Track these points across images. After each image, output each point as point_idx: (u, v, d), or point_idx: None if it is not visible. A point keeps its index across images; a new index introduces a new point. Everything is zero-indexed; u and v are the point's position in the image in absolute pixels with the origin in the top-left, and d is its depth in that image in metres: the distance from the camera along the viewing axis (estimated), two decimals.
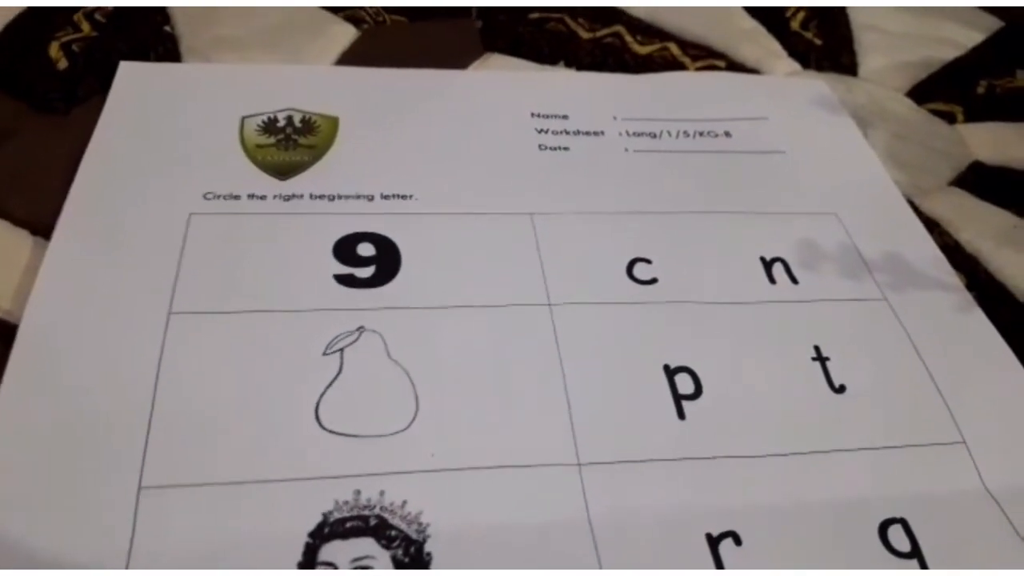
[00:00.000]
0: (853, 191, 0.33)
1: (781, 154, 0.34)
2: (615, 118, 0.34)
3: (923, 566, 0.22)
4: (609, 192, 0.31)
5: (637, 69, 0.37)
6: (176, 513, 0.20)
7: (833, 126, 0.36)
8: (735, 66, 0.39)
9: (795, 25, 0.41)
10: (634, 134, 0.34)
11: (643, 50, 0.38)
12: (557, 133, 0.33)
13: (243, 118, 0.31)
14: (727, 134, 0.34)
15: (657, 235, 0.29)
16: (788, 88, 0.38)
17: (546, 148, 0.32)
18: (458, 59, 0.36)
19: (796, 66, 0.39)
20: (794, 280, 0.29)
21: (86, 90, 0.31)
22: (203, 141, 0.30)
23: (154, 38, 0.34)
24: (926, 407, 0.26)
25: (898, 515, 0.23)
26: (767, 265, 0.29)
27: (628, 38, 0.39)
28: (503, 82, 0.35)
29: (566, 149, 0.32)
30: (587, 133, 0.33)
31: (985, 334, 0.28)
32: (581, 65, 0.37)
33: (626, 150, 0.33)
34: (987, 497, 0.24)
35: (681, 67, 0.38)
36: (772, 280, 0.29)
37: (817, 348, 0.27)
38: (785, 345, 0.27)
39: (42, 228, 0.26)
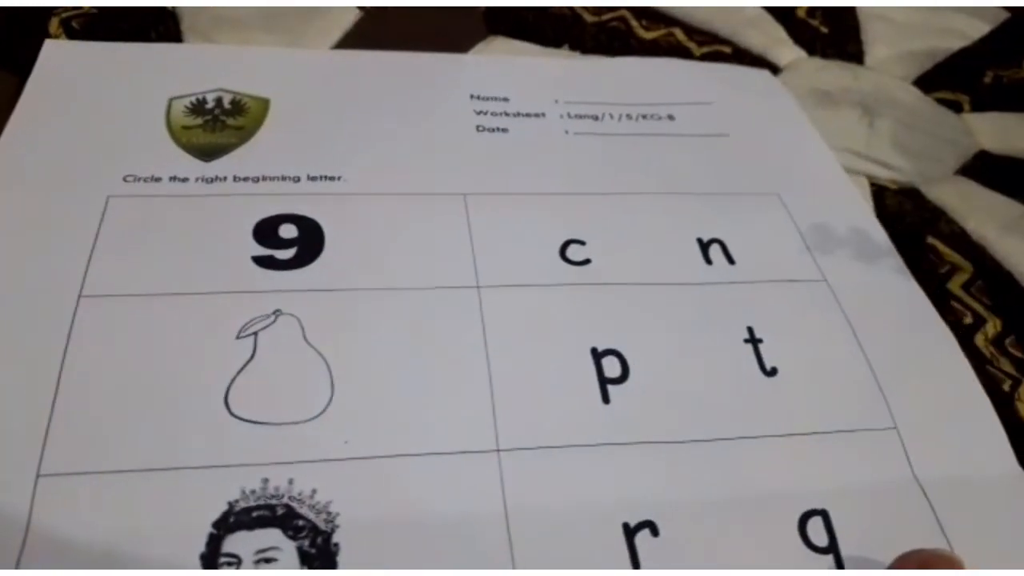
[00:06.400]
0: (797, 172, 0.32)
1: (724, 137, 0.33)
2: (557, 101, 0.33)
3: (838, 562, 0.21)
4: (546, 173, 0.30)
5: (642, 54, 0.37)
6: (76, 501, 0.19)
7: (779, 110, 0.35)
8: (740, 52, 0.38)
9: (801, 13, 0.41)
10: (575, 116, 0.33)
11: (648, 35, 0.38)
12: (496, 115, 0.32)
13: (171, 99, 0.30)
14: (670, 117, 0.34)
15: (593, 216, 0.28)
16: (735, 74, 0.37)
17: (484, 129, 0.31)
18: (462, 41, 0.36)
19: (802, 53, 0.39)
20: (731, 260, 0.28)
21: None
22: (128, 122, 0.29)
23: (155, 16, 0.34)
24: (859, 392, 0.25)
25: (819, 506, 0.22)
26: (704, 246, 0.28)
27: (633, 23, 0.38)
28: (444, 64, 0.34)
29: (504, 131, 0.31)
30: (527, 115, 0.32)
31: (926, 319, 0.27)
32: (585, 49, 0.37)
33: (566, 132, 0.32)
34: (914, 484, 0.23)
35: (686, 52, 0.38)
36: (708, 261, 0.28)
37: (750, 329, 0.26)
38: (718, 326, 0.26)
39: None
